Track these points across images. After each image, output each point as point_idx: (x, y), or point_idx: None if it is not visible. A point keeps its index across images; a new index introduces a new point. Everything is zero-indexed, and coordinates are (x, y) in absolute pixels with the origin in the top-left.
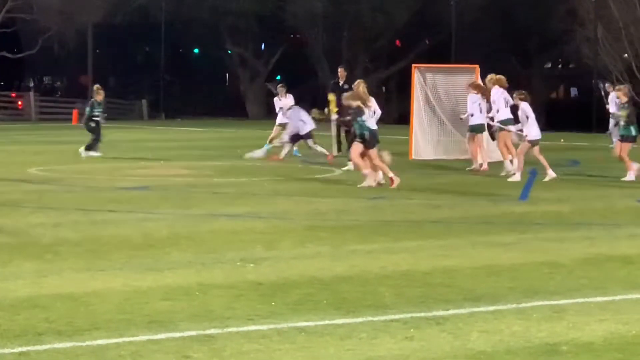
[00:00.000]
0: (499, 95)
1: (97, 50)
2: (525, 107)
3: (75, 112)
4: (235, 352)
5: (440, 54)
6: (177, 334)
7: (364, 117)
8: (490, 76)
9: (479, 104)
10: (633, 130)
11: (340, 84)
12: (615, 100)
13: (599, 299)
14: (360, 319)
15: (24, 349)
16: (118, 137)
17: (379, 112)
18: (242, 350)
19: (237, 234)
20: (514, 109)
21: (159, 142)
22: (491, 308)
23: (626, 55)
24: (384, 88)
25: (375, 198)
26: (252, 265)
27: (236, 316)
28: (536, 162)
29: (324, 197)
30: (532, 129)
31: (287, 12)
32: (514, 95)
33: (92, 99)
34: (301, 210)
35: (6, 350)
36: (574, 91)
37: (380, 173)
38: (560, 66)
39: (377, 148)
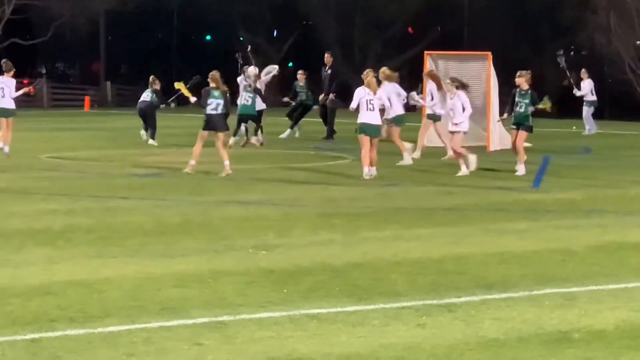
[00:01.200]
0: (390, 90)
1: (109, 37)
2: (462, 97)
3: (87, 98)
4: (247, 339)
5: (452, 41)
6: (189, 321)
7: (208, 101)
8: (381, 70)
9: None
10: (531, 120)
11: (325, 69)
12: (590, 87)
13: (611, 286)
14: (372, 306)
15: (36, 335)
16: (130, 124)
17: (388, 104)
18: (254, 337)
19: (249, 221)
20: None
21: (172, 128)
22: (503, 295)
23: (639, 42)
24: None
25: (388, 185)
26: (264, 252)
27: (248, 303)
28: (547, 150)
29: (336, 184)
30: (466, 121)
31: None
32: (447, 81)
33: (154, 88)
34: (313, 197)
35: (18, 337)
36: None
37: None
38: (572, 54)
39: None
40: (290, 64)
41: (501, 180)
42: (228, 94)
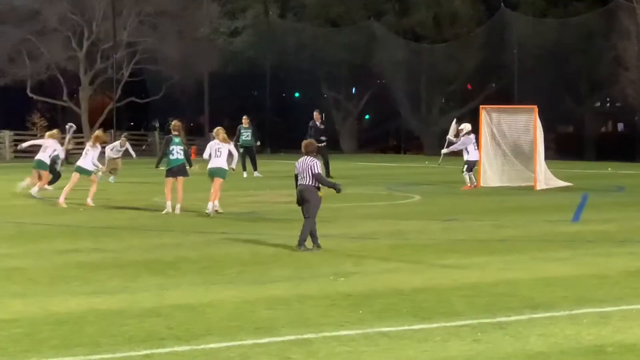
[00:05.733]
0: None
1: (213, 95)
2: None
3: (193, 148)
4: (328, 353)
5: (504, 96)
6: (279, 339)
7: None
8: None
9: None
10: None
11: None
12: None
13: None
14: (434, 325)
15: (149, 351)
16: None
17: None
18: (334, 352)
19: (331, 252)
20: None
21: (265, 173)
22: (547, 314)
23: None
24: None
25: (449, 220)
26: (342, 279)
27: (329, 323)
28: (586, 188)
29: (405, 220)
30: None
31: (374, 60)
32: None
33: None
34: (386, 230)
35: (133, 353)
36: (620, 126)
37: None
38: (608, 104)
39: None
40: (367, 117)
41: (546, 215)
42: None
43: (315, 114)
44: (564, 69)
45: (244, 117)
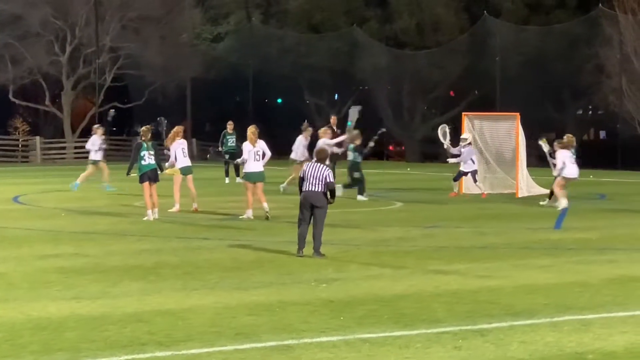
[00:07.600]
0: (178, 145)
1: (195, 101)
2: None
3: None
4: (309, 359)
5: (487, 103)
6: (260, 344)
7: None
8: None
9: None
10: None
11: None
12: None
13: (621, 314)
14: (416, 331)
15: (130, 357)
16: (212, 175)
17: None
18: (316, 358)
19: (313, 258)
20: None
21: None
22: (528, 322)
23: None
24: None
25: (431, 227)
26: (324, 285)
27: (310, 329)
28: (567, 196)
29: (387, 226)
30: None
31: (357, 67)
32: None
33: None
34: (367, 237)
35: (114, 358)
36: (602, 134)
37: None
38: (590, 112)
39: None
40: (349, 123)
41: (528, 222)
42: None
43: (332, 118)
44: (546, 77)
45: (229, 122)
